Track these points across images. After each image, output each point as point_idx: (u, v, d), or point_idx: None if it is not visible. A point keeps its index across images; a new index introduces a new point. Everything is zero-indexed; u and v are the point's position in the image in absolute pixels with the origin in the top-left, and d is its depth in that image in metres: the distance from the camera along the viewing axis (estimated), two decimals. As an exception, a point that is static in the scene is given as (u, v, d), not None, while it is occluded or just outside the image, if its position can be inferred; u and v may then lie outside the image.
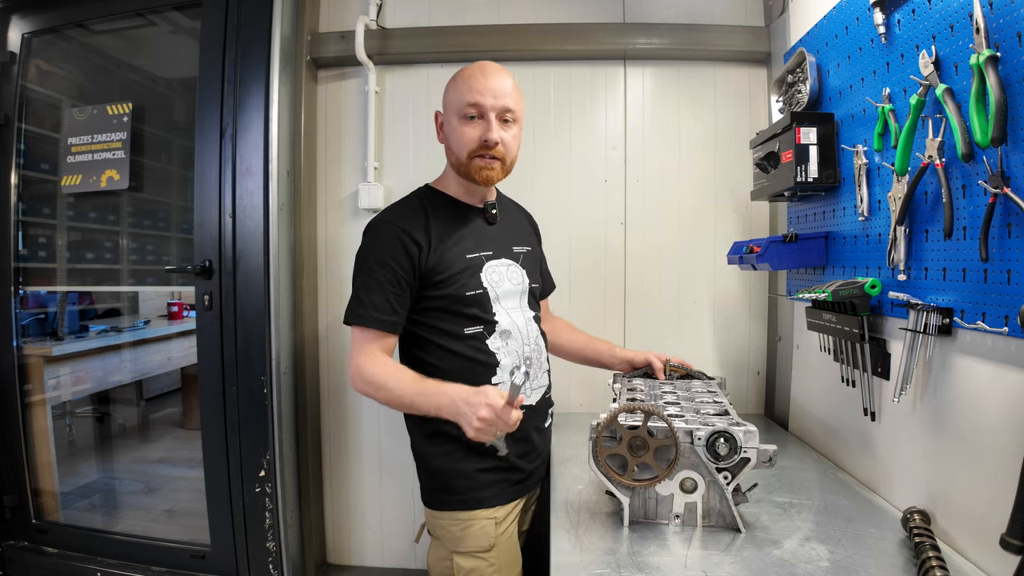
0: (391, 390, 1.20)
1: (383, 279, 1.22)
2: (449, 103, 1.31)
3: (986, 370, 0.94)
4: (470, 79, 1.27)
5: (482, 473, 1.28)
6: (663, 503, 1.08)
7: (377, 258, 1.24)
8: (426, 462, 1.32)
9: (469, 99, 1.25)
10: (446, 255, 1.27)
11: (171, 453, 3.01)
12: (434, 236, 1.27)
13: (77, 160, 2.09)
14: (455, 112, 1.28)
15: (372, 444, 2.12)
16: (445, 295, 1.26)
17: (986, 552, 0.94)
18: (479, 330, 1.28)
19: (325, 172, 2.10)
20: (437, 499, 1.30)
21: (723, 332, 2.03)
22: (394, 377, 1.21)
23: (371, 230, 1.29)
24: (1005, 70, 0.87)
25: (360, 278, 1.25)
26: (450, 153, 1.33)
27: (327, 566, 2.15)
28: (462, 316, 1.27)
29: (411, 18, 2.04)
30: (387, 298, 1.23)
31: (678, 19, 1.98)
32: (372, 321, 1.22)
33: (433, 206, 1.33)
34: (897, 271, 1.14)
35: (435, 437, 1.29)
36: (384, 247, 1.24)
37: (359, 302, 1.23)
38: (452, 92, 1.30)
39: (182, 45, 2.16)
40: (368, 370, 1.21)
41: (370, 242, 1.27)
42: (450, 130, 1.30)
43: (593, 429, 1.06)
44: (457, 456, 1.28)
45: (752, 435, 1.03)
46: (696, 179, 2.02)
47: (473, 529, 1.27)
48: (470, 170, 1.29)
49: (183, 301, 3.17)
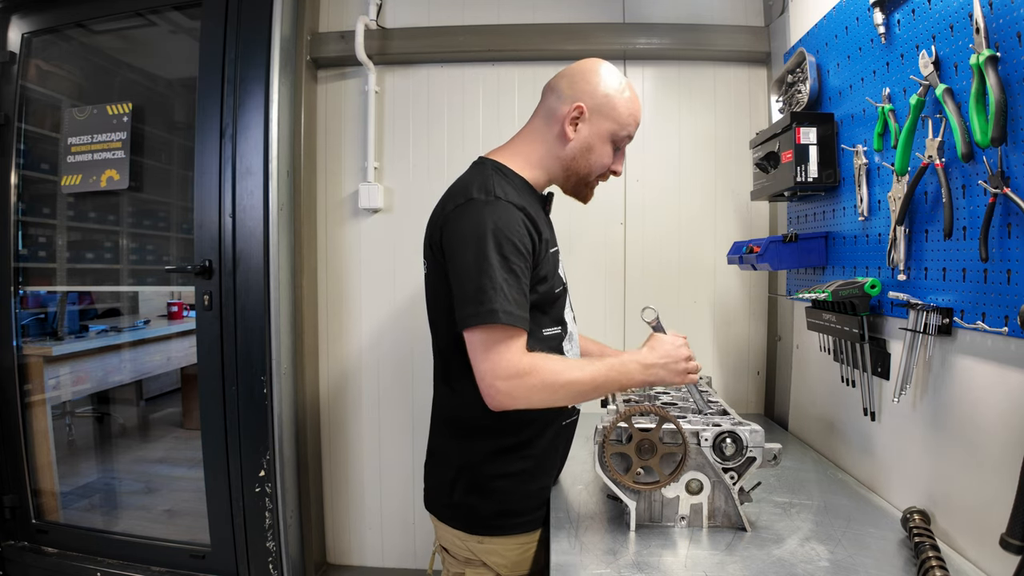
0: (575, 383, 1.02)
1: (519, 270, 1.03)
2: (611, 118, 1.16)
3: (986, 370, 0.94)
4: (635, 107, 1.17)
5: (543, 491, 1.20)
6: (668, 505, 1.08)
7: (511, 243, 1.02)
8: (485, 486, 1.15)
9: (631, 131, 1.18)
10: (546, 247, 1.12)
11: (171, 453, 3.01)
12: (538, 223, 1.10)
13: (77, 160, 2.09)
14: (612, 132, 1.16)
15: (372, 444, 2.12)
16: (544, 291, 1.11)
17: (986, 552, 0.94)
18: (558, 331, 1.17)
19: (325, 172, 2.10)
20: (496, 524, 1.15)
21: (723, 332, 2.03)
22: (568, 368, 1.04)
23: (488, 207, 1.04)
24: (1005, 70, 0.87)
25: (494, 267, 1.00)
26: (579, 160, 1.17)
27: (327, 566, 2.15)
28: (547, 315, 1.15)
29: (411, 18, 2.04)
30: (525, 292, 1.04)
31: (678, 19, 1.98)
32: (522, 322, 1.01)
33: (521, 188, 1.15)
34: (897, 271, 1.14)
35: (502, 456, 1.14)
36: (514, 231, 1.03)
37: (503, 298, 0.99)
38: (621, 113, 1.16)
39: (182, 45, 2.16)
40: (538, 373, 1.00)
41: (497, 224, 1.02)
42: (598, 143, 1.16)
43: (599, 432, 1.06)
44: (526, 476, 1.15)
45: (757, 434, 1.03)
46: (696, 179, 2.02)
47: (531, 551, 1.18)
48: (582, 187, 1.21)
49: (183, 301, 3.17)
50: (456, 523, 1.18)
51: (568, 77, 1.18)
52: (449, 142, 2.06)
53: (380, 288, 2.08)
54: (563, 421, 1.22)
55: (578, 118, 1.15)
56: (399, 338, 2.08)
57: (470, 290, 1.01)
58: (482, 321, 0.99)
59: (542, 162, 1.19)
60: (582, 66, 1.19)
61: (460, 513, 1.17)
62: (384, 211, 2.08)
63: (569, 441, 1.30)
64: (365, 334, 2.10)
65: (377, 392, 2.11)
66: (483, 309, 0.99)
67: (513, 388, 0.99)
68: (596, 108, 1.15)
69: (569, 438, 1.29)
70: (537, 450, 1.17)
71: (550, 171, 1.20)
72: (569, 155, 1.17)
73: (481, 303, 0.99)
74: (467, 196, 1.07)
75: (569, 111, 1.15)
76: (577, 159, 1.17)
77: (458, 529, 1.17)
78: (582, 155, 1.17)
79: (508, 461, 1.14)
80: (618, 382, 1.06)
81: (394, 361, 2.09)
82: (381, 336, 2.10)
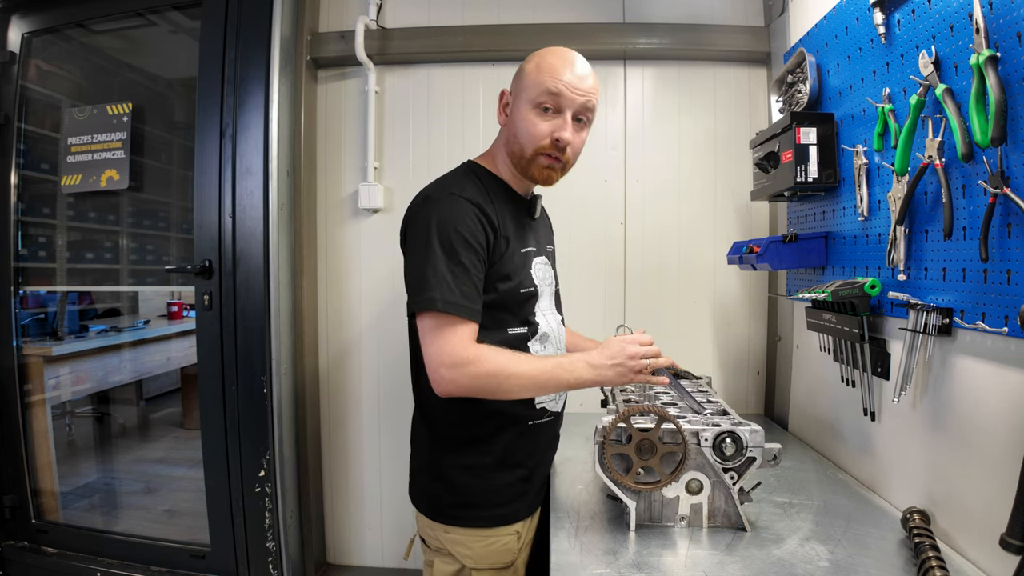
0: (519, 376, 1.04)
1: (469, 262, 1.05)
2: (524, 86, 1.14)
3: (986, 370, 0.95)
4: (555, 67, 1.11)
5: (509, 488, 1.19)
6: (668, 506, 1.08)
7: (460, 236, 1.04)
8: (445, 475, 1.18)
9: (551, 86, 1.10)
10: (508, 245, 1.14)
11: (171, 453, 3.01)
12: (497, 221, 1.12)
13: (77, 160, 2.09)
14: (529, 99, 1.12)
15: (372, 444, 2.12)
16: (504, 290, 1.12)
17: (986, 552, 0.94)
18: (523, 331, 1.17)
19: (325, 172, 2.10)
20: (456, 515, 1.18)
21: (723, 332, 2.03)
22: (514, 361, 1.05)
23: (440, 203, 1.08)
24: (1005, 70, 0.87)
25: (439, 258, 1.04)
26: (513, 142, 1.16)
27: (327, 566, 2.15)
28: (511, 315, 1.15)
29: (411, 18, 2.04)
30: (475, 284, 1.06)
31: (678, 19, 1.98)
32: (467, 312, 1.04)
33: (490, 188, 1.18)
34: (897, 271, 1.14)
35: (461, 448, 1.17)
36: (464, 224, 1.05)
37: (446, 287, 1.02)
38: (531, 75, 1.13)
39: (182, 45, 2.16)
40: (483, 363, 1.02)
41: (445, 217, 1.06)
42: (519, 117, 1.14)
43: (599, 432, 1.06)
44: (485, 470, 1.17)
45: (757, 435, 1.03)
46: (696, 179, 2.02)
47: (497, 546, 1.18)
48: (531, 167, 1.16)
49: (183, 301, 3.17)
50: (424, 509, 1.23)
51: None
52: (449, 142, 2.06)
53: (380, 288, 2.08)
54: (530, 422, 1.20)
55: (507, 104, 1.20)
56: (399, 337, 2.07)
57: (415, 278, 1.06)
58: (421, 308, 1.04)
59: (502, 157, 1.22)
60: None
61: (426, 500, 1.22)
62: (384, 211, 2.08)
63: (543, 444, 1.26)
64: (365, 334, 2.10)
65: (377, 392, 2.11)
66: (423, 296, 1.03)
67: (457, 376, 1.02)
68: (514, 88, 1.19)
69: (541, 440, 1.25)
70: (496, 447, 1.16)
71: (507, 164, 1.21)
72: (505, 140, 1.20)
73: (423, 290, 1.03)
74: (425, 195, 1.14)
75: (500, 103, 1.21)
76: (510, 141, 1.18)
77: (426, 516, 1.22)
78: (512, 135, 1.17)
79: (465, 454, 1.17)
80: (565, 381, 1.07)
81: (394, 361, 2.09)
82: (381, 336, 2.10)
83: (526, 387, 1.06)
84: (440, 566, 1.22)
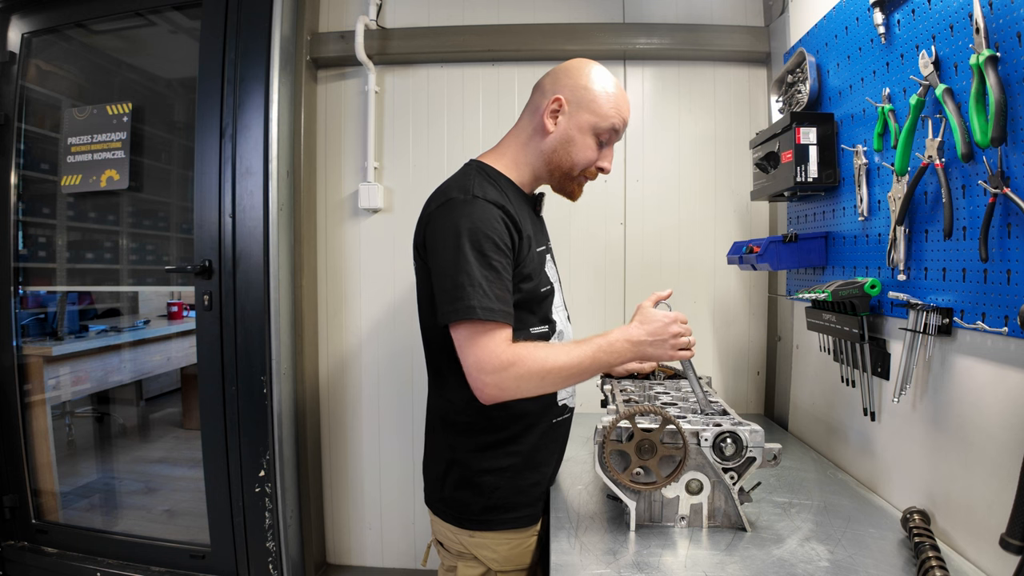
0: (562, 368, 1.03)
1: (500, 266, 1.04)
2: (591, 109, 1.15)
3: (986, 370, 0.95)
4: (620, 102, 1.16)
5: (535, 487, 1.19)
6: (668, 506, 1.08)
7: (490, 240, 1.03)
8: (473, 481, 1.16)
9: (615, 123, 1.15)
10: (530, 246, 1.13)
11: (171, 453, 3.01)
12: (520, 222, 1.10)
13: (77, 160, 2.09)
14: (591, 124, 1.14)
15: (372, 444, 2.12)
16: (527, 289, 1.12)
17: (986, 552, 0.94)
18: (544, 330, 1.17)
19: (325, 172, 2.10)
20: (485, 519, 1.16)
21: (723, 332, 2.03)
22: (553, 353, 1.04)
23: (465, 206, 1.06)
24: (1005, 70, 0.87)
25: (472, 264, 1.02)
26: (561, 155, 1.17)
27: (327, 566, 2.15)
28: (532, 314, 1.15)
29: (411, 18, 2.04)
30: (507, 287, 1.05)
31: (678, 19, 1.98)
32: (504, 316, 1.02)
33: (505, 188, 1.16)
34: (897, 271, 1.14)
35: (488, 452, 1.16)
36: (492, 228, 1.04)
37: (483, 294, 1.00)
38: (598, 101, 1.14)
39: (182, 45, 2.16)
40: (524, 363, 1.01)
41: (472, 221, 1.04)
42: (578, 135, 1.15)
43: (599, 432, 1.05)
44: (513, 472, 1.16)
45: (757, 435, 1.03)
46: (696, 179, 2.02)
47: (523, 547, 1.19)
48: (570, 183, 1.19)
49: (183, 301, 3.17)
50: (448, 517, 1.20)
51: (552, 74, 1.21)
52: (449, 142, 2.06)
53: (380, 288, 2.08)
54: (552, 419, 1.22)
55: (558, 110, 1.16)
56: (399, 338, 2.08)
57: (448, 287, 1.03)
58: (460, 317, 1.01)
59: (527, 159, 1.20)
60: (568, 63, 1.21)
61: (451, 507, 1.19)
62: (384, 211, 2.08)
63: (561, 440, 1.29)
64: (365, 334, 2.10)
65: (377, 392, 2.11)
66: (461, 305, 1.00)
67: (500, 380, 1.00)
68: (575, 100, 1.15)
69: (560, 437, 1.28)
70: (524, 446, 1.17)
71: (535, 168, 1.20)
72: (550, 148, 1.17)
73: (459, 299, 1.01)
74: (447, 196, 1.10)
75: (548, 104, 1.16)
76: (558, 151, 1.17)
77: (450, 523, 1.19)
78: (563, 148, 1.16)
79: (495, 456, 1.16)
80: (607, 362, 1.06)
81: (394, 361, 2.09)
82: (381, 336, 2.10)
83: (570, 376, 1.05)
84: (464, 570, 1.20)
